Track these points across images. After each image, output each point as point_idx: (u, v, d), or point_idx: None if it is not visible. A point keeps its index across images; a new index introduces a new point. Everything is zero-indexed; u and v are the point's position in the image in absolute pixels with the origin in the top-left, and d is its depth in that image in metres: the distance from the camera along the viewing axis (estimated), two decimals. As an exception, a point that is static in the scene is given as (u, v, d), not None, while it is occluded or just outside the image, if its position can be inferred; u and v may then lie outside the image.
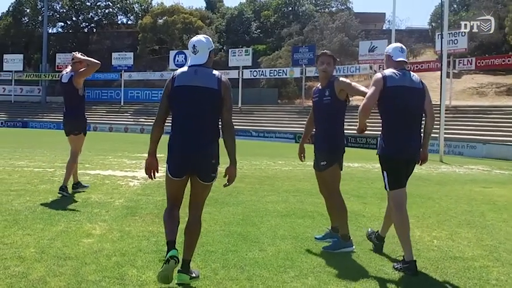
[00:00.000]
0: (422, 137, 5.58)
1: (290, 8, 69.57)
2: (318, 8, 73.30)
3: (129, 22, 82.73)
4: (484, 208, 9.30)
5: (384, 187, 5.55)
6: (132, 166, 13.88)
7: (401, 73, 5.43)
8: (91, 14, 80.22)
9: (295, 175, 13.46)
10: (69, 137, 8.98)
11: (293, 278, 4.74)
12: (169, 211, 4.66)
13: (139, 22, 73.37)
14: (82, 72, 8.65)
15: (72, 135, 8.91)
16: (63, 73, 8.93)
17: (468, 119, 37.61)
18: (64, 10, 78.64)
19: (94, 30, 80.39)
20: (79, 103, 8.89)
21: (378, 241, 5.95)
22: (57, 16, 78.44)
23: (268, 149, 23.49)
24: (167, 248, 4.42)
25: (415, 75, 5.58)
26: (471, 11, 50.87)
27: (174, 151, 4.52)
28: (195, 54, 4.62)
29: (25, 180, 10.21)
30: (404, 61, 5.60)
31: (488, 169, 19.40)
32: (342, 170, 6.05)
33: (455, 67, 42.47)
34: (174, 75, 4.60)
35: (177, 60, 55.56)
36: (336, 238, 5.94)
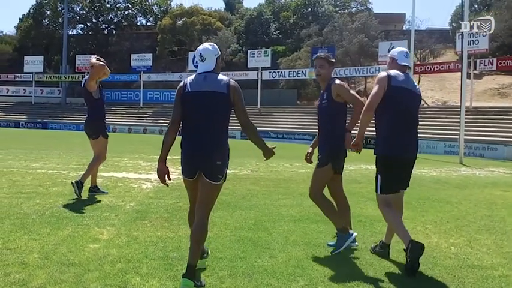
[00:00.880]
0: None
1: (309, 9, 69.26)
2: (338, 9, 72.92)
3: (149, 23, 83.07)
4: (505, 213, 8.97)
5: (375, 190, 5.57)
6: (147, 168, 13.79)
7: (404, 76, 5.56)
8: (111, 16, 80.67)
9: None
10: (89, 141, 9.12)
11: (302, 288, 4.57)
12: (191, 212, 4.90)
13: (158, 23, 73.43)
14: (90, 75, 8.77)
15: (90, 139, 9.03)
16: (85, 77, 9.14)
17: (489, 121, 37.03)
18: (84, 12, 79.17)
19: (113, 31, 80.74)
20: (94, 106, 9.03)
21: (383, 248, 5.78)
22: (77, 18, 78.99)
23: (286, 151, 23.23)
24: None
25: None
26: (492, 11, 50.15)
27: (184, 151, 4.68)
28: (203, 62, 4.86)
29: (37, 182, 10.17)
30: (407, 66, 5.73)
31: (509, 172, 18.96)
32: (342, 173, 6.17)
33: (476, 68, 41.85)
34: (185, 82, 4.81)
35: (196, 61, 55.19)
36: (337, 237, 5.90)
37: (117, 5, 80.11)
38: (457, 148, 25.08)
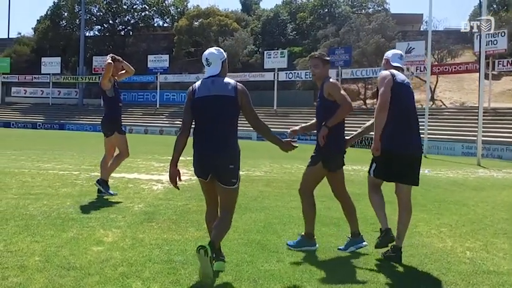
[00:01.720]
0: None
1: (326, 10, 68.95)
2: (354, 9, 72.46)
3: (165, 25, 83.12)
4: (523, 216, 8.72)
5: (368, 171, 5.83)
6: (159, 169, 13.66)
7: (401, 74, 5.77)
8: (127, 17, 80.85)
9: (324, 179, 13.03)
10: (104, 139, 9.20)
11: (309, 294, 4.40)
12: (208, 212, 5.20)
13: (175, 25, 73.45)
14: (103, 74, 8.81)
15: (105, 137, 9.07)
16: None
17: (508, 122, 36.48)
18: (101, 13, 79.46)
19: (130, 33, 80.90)
20: (108, 104, 9.10)
21: (394, 252, 5.57)
22: (94, 19, 79.29)
23: (301, 152, 22.99)
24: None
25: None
26: (511, 11, 49.54)
27: (196, 153, 4.90)
28: (209, 66, 4.99)
29: (47, 183, 10.09)
30: (400, 67, 5.93)
31: (528, 174, 18.63)
32: (342, 172, 6.25)
33: (494, 68, 41.33)
34: (194, 87, 4.98)
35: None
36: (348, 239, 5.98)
37: (134, 7, 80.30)
38: (475, 149, 24.75)
